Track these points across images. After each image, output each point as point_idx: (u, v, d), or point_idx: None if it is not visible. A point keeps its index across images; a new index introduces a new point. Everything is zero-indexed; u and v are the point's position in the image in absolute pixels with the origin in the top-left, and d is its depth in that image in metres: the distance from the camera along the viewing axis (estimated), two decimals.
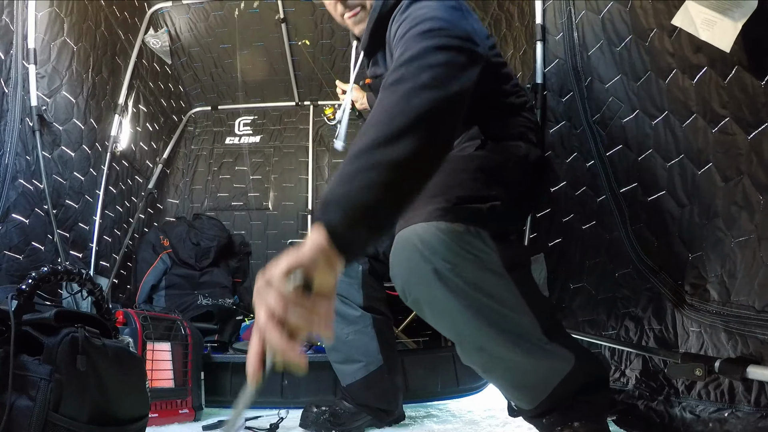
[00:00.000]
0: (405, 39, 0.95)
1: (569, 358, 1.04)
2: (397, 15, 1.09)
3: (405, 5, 1.08)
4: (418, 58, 0.86)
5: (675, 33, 1.04)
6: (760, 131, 0.87)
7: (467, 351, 1.05)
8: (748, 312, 0.91)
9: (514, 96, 1.27)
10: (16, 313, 0.88)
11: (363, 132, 0.77)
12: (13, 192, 1.68)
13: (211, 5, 2.79)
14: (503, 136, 1.21)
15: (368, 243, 0.72)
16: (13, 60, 1.71)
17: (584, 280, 1.49)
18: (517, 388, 1.11)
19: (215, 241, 2.81)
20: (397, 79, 0.83)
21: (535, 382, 1.06)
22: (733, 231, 0.95)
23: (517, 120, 1.25)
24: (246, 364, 0.67)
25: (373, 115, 0.79)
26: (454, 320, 1.00)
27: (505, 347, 1.01)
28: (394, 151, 0.72)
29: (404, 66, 0.85)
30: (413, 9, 1.04)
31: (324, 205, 0.70)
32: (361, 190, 0.69)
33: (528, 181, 1.20)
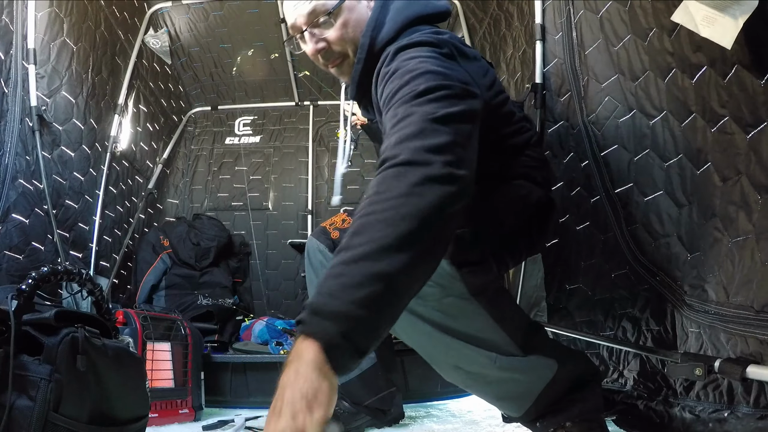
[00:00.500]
0: (398, 100, 0.87)
1: (550, 365, 1.05)
2: (382, 67, 1.01)
3: (390, 55, 1.00)
4: (423, 135, 0.78)
5: (675, 32, 1.04)
6: (759, 131, 0.87)
7: (443, 370, 1.08)
8: (747, 312, 0.91)
9: (516, 135, 1.18)
10: (16, 313, 0.89)
11: (362, 225, 0.70)
12: (13, 192, 1.68)
13: (211, 5, 2.79)
14: (502, 178, 1.15)
15: (363, 356, 0.67)
16: (12, 60, 1.71)
17: (580, 281, 1.49)
18: (500, 400, 1.13)
19: (215, 241, 2.81)
20: (402, 162, 0.74)
21: (517, 393, 1.07)
22: (731, 231, 0.95)
23: (519, 160, 1.18)
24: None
25: (375, 202, 0.71)
26: (423, 344, 1.04)
27: (480, 364, 1.03)
28: (401, 263, 0.67)
29: (406, 142, 0.77)
30: (400, 61, 0.96)
31: (316, 316, 0.64)
32: (367, 304, 0.64)
33: (516, 222, 1.13)
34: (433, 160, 0.74)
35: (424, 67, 0.91)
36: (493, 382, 1.06)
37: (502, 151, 1.16)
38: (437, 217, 0.71)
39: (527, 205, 1.15)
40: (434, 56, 0.96)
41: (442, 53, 0.98)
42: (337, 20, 1.13)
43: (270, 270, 3.15)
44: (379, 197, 0.72)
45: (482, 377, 1.06)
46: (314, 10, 1.12)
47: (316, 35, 1.14)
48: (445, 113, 0.81)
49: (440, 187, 0.73)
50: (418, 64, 0.92)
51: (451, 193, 0.73)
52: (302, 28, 1.15)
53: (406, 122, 0.81)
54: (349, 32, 1.13)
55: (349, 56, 1.15)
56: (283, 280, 3.12)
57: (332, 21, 1.13)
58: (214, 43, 3.02)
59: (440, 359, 1.07)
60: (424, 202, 0.71)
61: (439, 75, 0.89)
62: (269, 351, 2.17)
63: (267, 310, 3.02)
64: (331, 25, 1.13)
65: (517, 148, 1.18)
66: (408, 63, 0.94)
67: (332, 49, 1.15)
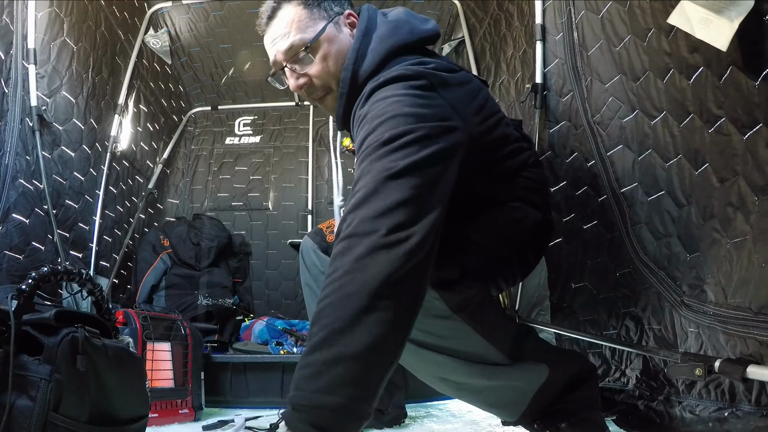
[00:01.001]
0: (363, 151, 0.85)
1: (541, 369, 1.04)
2: (357, 108, 0.97)
3: (365, 96, 0.96)
4: (373, 198, 0.76)
5: (672, 33, 1.04)
6: (755, 132, 0.87)
7: (430, 381, 1.07)
8: (745, 314, 0.91)
9: (511, 157, 1.12)
10: (16, 313, 0.88)
11: (317, 312, 0.71)
12: (14, 192, 1.68)
13: (211, 5, 2.79)
14: (496, 201, 1.11)
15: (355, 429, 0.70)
16: (13, 60, 1.71)
17: (585, 280, 1.49)
18: (493, 407, 1.12)
19: (215, 241, 2.81)
20: (348, 235, 0.75)
21: (508, 400, 1.07)
22: (729, 232, 0.95)
23: (515, 182, 1.12)
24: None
25: (327, 285, 0.73)
26: (406, 360, 1.04)
27: (468, 375, 1.02)
28: (355, 341, 0.68)
29: (357, 210, 0.76)
30: (371, 103, 0.92)
31: (293, 410, 0.68)
32: (330, 390, 0.67)
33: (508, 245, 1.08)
34: (378, 227, 0.74)
35: (393, 110, 0.87)
36: (483, 390, 1.06)
37: (495, 175, 1.11)
38: (385, 286, 0.71)
39: (522, 229, 1.10)
40: (409, 94, 0.91)
41: (419, 86, 0.93)
42: (317, 54, 1.08)
43: (270, 270, 3.15)
44: (330, 279, 0.73)
45: (471, 387, 1.06)
46: (292, 46, 1.08)
47: (297, 71, 1.11)
48: (405, 165, 0.79)
49: (386, 254, 0.72)
50: (388, 107, 0.88)
51: (398, 257, 0.72)
52: (282, 65, 1.12)
53: (362, 183, 0.80)
54: (330, 66, 1.08)
55: (333, 90, 1.11)
56: (283, 280, 3.12)
57: (311, 56, 1.09)
58: (214, 43, 3.02)
59: (426, 372, 1.07)
60: (367, 275, 0.71)
61: (409, 117, 0.86)
62: (269, 351, 2.17)
63: (267, 310, 3.02)
64: (311, 60, 1.09)
65: (512, 171, 1.13)
66: (378, 105, 0.90)
67: (314, 83, 1.11)
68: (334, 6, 1.12)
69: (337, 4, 1.13)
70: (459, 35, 2.66)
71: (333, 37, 1.09)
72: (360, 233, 0.74)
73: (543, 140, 1.70)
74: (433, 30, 1.13)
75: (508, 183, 1.12)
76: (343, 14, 1.13)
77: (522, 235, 1.10)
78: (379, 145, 0.83)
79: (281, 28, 1.09)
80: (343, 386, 0.67)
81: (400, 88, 0.92)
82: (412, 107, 0.88)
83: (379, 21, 1.11)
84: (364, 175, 0.81)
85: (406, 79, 0.94)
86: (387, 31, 1.08)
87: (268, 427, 1.56)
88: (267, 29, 1.13)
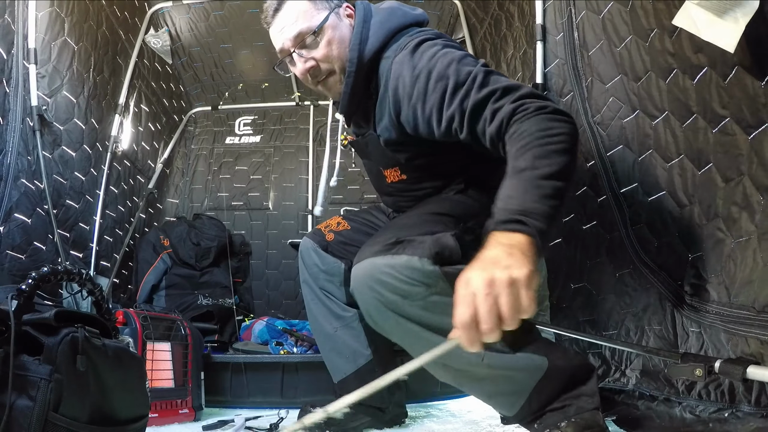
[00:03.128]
0: (462, 100, 1.03)
1: (541, 362, 1.06)
2: (400, 69, 1.12)
3: (402, 60, 1.12)
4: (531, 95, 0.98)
5: (675, 33, 1.04)
6: (761, 131, 0.87)
7: (433, 369, 1.08)
8: (748, 313, 0.91)
9: None
10: (16, 313, 0.88)
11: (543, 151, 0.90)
12: (16, 192, 1.68)
13: (211, 5, 2.79)
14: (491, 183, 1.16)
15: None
16: (14, 60, 1.71)
17: (585, 280, 1.49)
18: (492, 397, 1.13)
19: (215, 241, 2.81)
20: (537, 109, 0.94)
21: (507, 390, 1.08)
22: (734, 231, 0.95)
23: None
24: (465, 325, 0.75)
25: (545, 137, 0.91)
26: (411, 345, 1.06)
27: (468, 362, 1.03)
28: (568, 176, 0.89)
29: (529, 97, 0.97)
30: (419, 62, 1.09)
31: (528, 217, 0.82)
32: (553, 209, 0.85)
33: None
34: (545, 104, 0.96)
35: (455, 56, 1.07)
36: (482, 378, 1.07)
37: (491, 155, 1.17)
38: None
39: None
40: (448, 45, 1.11)
41: (447, 41, 1.13)
42: (322, 40, 1.21)
43: (270, 270, 3.15)
44: (549, 132, 0.91)
45: (471, 374, 1.07)
46: (300, 33, 1.21)
47: (304, 55, 1.22)
48: (517, 84, 1.02)
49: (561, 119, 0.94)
50: (447, 56, 1.07)
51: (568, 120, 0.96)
52: (290, 51, 1.23)
53: (510, 96, 0.99)
54: (334, 50, 1.22)
55: (336, 72, 1.24)
56: (283, 280, 3.12)
57: (318, 40, 1.21)
58: (214, 43, 3.02)
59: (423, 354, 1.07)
60: (566, 128, 0.93)
61: (467, 56, 1.07)
62: (269, 351, 2.17)
63: (267, 310, 3.02)
64: (317, 44, 1.22)
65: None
66: (436, 61, 1.07)
67: (320, 66, 1.23)
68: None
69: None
70: (460, 35, 2.66)
71: (335, 25, 1.23)
72: (544, 108, 0.95)
73: None
74: (422, 15, 1.29)
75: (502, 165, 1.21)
76: (342, 6, 1.27)
77: None
78: (480, 83, 1.02)
79: (288, 18, 1.22)
80: (559, 208, 0.87)
81: (438, 46, 1.10)
82: (459, 51, 1.09)
83: (374, 10, 1.27)
84: (511, 91, 1.00)
85: (435, 38, 1.14)
86: (384, 17, 1.24)
87: (268, 427, 1.56)
88: (273, 21, 1.25)
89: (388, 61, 1.16)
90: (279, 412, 1.69)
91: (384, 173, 1.38)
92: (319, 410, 0.78)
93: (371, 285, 1.01)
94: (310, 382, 1.94)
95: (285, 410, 1.69)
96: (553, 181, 0.86)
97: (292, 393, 1.96)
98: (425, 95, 1.07)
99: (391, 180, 1.37)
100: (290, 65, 1.27)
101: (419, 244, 1.00)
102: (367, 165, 1.47)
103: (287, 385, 1.99)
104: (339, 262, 1.50)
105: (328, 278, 1.51)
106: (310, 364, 1.96)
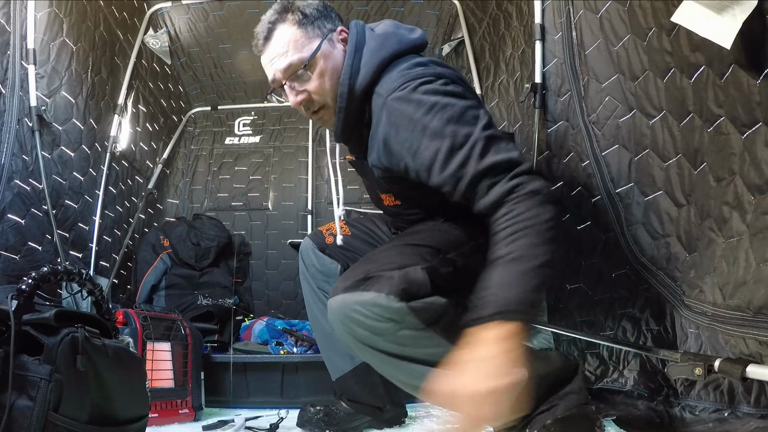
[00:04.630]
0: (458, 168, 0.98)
1: (520, 375, 1.06)
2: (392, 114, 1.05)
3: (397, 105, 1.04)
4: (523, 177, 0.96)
5: (674, 32, 1.04)
6: (754, 131, 0.87)
7: (410, 390, 1.08)
8: (744, 314, 0.91)
9: None
10: (16, 313, 0.88)
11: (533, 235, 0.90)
12: (9, 192, 1.68)
13: (211, 5, 2.79)
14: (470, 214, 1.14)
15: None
16: (10, 61, 1.71)
17: (581, 281, 1.49)
18: None
19: (215, 241, 2.81)
20: (530, 192, 0.94)
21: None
22: (725, 231, 0.95)
23: None
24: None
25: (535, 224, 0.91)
26: (385, 370, 1.08)
27: None
28: (554, 264, 0.90)
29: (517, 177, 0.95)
30: (416, 112, 1.01)
31: (519, 307, 0.85)
32: (538, 299, 0.89)
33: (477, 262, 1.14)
34: (539, 186, 0.94)
35: (454, 114, 1.00)
36: None
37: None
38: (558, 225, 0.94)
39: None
40: (448, 92, 1.03)
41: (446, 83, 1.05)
42: (314, 71, 1.14)
43: (270, 270, 3.15)
44: (537, 219, 0.91)
45: None
46: (290, 65, 1.14)
47: (296, 88, 1.16)
48: (518, 156, 0.98)
49: (552, 203, 0.94)
50: (445, 113, 1.00)
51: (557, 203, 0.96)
52: (282, 83, 1.16)
53: (502, 174, 0.96)
54: (327, 81, 1.15)
55: (329, 104, 1.17)
56: (283, 280, 3.12)
57: (309, 73, 1.14)
58: (214, 44, 3.02)
59: (402, 381, 1.08)
60: (555, 212, 0.93)
61: (467, 111, 1.01)
62: (269, 351, 2.17)
63: (267, 310, 3.02)
64: (309, 77, 1.15)
65: None
66: (433, 116, 1.00)
67: (312, 99, 1.17)
68: (327, 24, 1.18)
69: (329, 22, 1.19)
70: (459, 35, 2.66)
71: (328, 54, 1.15)
72: (535, 191, 0.94)
73: (542, 140, 1.70)
74: (420, 38, 1.20)
75: None
76: (335, 31, 1.19)
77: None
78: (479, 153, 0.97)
79: (278, 48, 1.15)
80: (543, 295, 0.92)
81: (436, 93, 1.02)
82: (461, 101, 1.02)
83: (368, 36, 1.17)
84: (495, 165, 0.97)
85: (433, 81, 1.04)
86: (377, 45, 1.14)
87: (268, 427, 1.56)
88: (264, 49, 1.18)
89: (380, 99, 1.08)
90: (279, 412, 1.69)
91: (381, 196, 1.37)
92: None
93: (343, 321, 1.03)
94: (310, 382, 1.95)
95: (285, 410, 1.69)
96: (546, 269, 0.88)
97: (292, 393, 1.97)
98: (417, 151, 1.02)
99: (387, 203, 1.37)
100: (283, 94, 1.22)
101: (387, 280, 1.00)
102: (365, 183, 1.46)
103: (287, 385, 1.99)
104: (335, 263, 1.52)
105: (324, 279, 1.53)
106: (310, 364, 1.96)
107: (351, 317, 1.01)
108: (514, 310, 0.84)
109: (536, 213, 0.91)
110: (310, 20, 1.16)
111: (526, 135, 1.82)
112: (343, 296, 1.03)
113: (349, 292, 1.02)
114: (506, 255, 0.89)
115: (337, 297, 1.04)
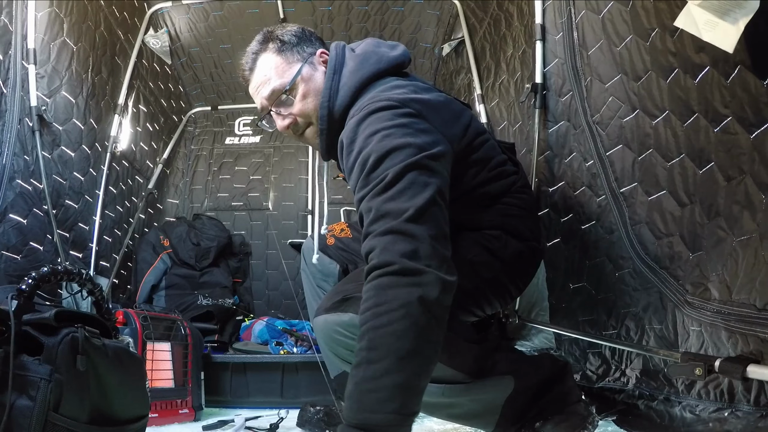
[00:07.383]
0: (369, 192, 0.91)
1: (506, 381, 1.08)
2: (343, 139, 1.02)
3: (350, 129, 1.01)
4: (403, 240, 0.84)
5: (677, 33, 1.04)
6: (763, 131, 0.87)
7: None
8: (749, 310, 0.91)
9: (492, 182, 1.16)
10: (16, 313, 0.88)
11: (373, 340, 0.80)
12: (11, 192, 1.68)
13: (211, 5, 2.79)
14: (471, 228, 1.14)
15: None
16: (11, 60, 1.70)
17: (584, 280, 1.49)
18: (466, 420, 1.16)
19: (215, 241, 2.81)
20: (394, 272, 0.82)
21: (477, 412, 1.11)
22: (735, 230, 0.95)
23: (495, 209, 1.16)
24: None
25: (379, 314, 0.81)
26: None
27: (432, 397, 1.06)
28: (415, 365, 0.80)
29: (392, 247, 0.84)
30: (362, 138, 0.97)
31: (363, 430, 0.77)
32: (395, 411, 0.77)
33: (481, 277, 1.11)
34: (422, 269, 0.82)
35: (387, 144, 0.92)
36: (446, 407, 1.10)
37: (472, 201, 1.15)
38: (437, 322, 0.82)
39: (497, 259, 1.12)
40: (397, 124, 0.96)
41: (405, 113, 0.98)
42: (297, 95, 1.17)
43: (270, 270, 3.14)
44: (380, 309, 0.81)
45: (433, 405, 1.10)
46: (273, 91, 1.17)
47: (282, 113, 1.20)
48: (418, 207, 0.86)
49: (434, 292, 0.81)
50: (381, 141, 0.93)
51: (442, 293, 0.82)
52: (268, 109, 1.20)
53: (382, 223, 0.86)
54: (310, 103, 1.17)
55: (313, 123, 1.19)
56: (283, 280, 3.11)
57: (292, 97, 1.18)
58: (214, 44, 3.02)
59: None
60: (421, 310, 0.80)
61: (403, 149, 0.91)
62: (269, 351, 2.16)
63: (267, 310, 3.02)
64: (292, 101, 1.18)
65: (491, 196, 1.16)
66: (371, 141, 0.95)
67: (298, 122, 1.20)
68: (307, 48, 1.21)
69: (309, 45, 1.22)
70: (459, 35, 2.66)
71: (309, 77, 1.18)
72: (405, 272, 0.82)
73: (542, 140, 1.70)
74: (402, 55, 1.20)
75: (485, 209, 1.16)
76: (316, 54, 1.21)
77: (497, 265, 1.13)
78: (385, 187, 0.89)
79: (262, 76, 1.19)
80: (408, 403, 0.79)
81: (386, 121, 0.96)
82: (403, 138, 0.93)
83: (347, 57, 1.18)
84: (381, 217, 0.88)
85: (390, 109, 0.99)
86: (355, 65, 1.15)
87: (268, 427, 1.56)
88: (250, 79, 1.22)
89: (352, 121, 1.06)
90: (279, 412, 1.69)
91: None
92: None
93: (326, 340, 1.07)
94: (310, 382, 1.94)
95: (285, 410, 1.69)
96: (393, 376, 0.78)
97: (292, 393, 1.96)
98: (350, 172, 1.00)
99: None
100: (271, 121, 1.25)
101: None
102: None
103: (287, 385, 1.99)
104: (334, 263, 1.54)
105: (323, 278, 1.55)
106: (310, 364, 1.96)
107: (332, 337, 1.05)
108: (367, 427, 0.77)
109: (378, 302, 0.81)
110: (289, 46, 1.19)
111: (527, 135, 1.82)
112: (325, 317, 1.06)
113: (329, 313, 1.06)
114: (359, 352, 0.82)
115: (319, 318, 1.08)
